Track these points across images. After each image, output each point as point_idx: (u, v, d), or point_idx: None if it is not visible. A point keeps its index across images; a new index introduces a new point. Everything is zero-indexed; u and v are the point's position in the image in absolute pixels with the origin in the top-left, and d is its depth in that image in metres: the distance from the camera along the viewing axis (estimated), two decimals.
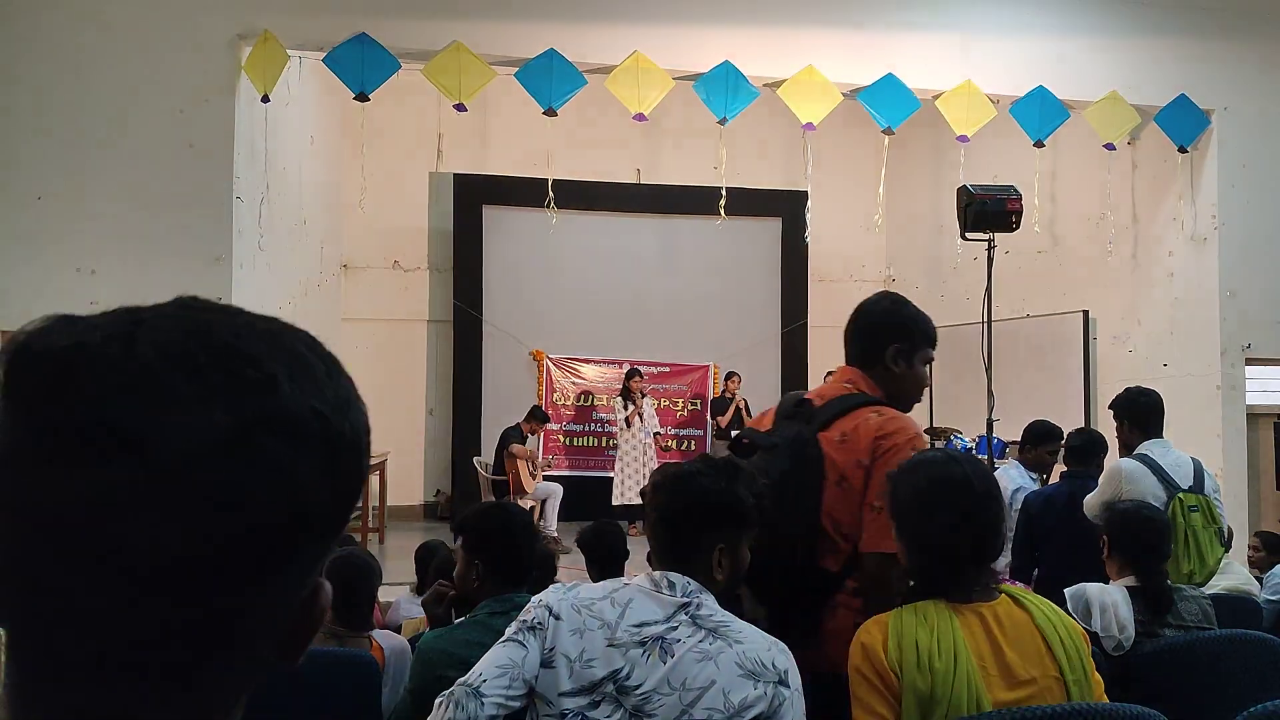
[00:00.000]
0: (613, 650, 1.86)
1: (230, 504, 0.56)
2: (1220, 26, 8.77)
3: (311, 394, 0.62)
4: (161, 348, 0.57)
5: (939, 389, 11.52)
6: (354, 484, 0.64)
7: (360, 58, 7.23)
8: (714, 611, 1.92)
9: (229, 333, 0.61)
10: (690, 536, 2.01)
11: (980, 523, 2.09)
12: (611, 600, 1.92)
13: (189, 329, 0.60)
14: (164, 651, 0.57)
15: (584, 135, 10.14)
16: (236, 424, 0.57)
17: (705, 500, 2.01)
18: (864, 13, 8.22)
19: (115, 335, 0.57)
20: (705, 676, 1.82)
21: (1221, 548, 4.39)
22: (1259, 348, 8.72)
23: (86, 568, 0.55)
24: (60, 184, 7.14)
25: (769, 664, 1.86)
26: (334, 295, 11.00)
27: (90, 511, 0.54)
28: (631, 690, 1.83)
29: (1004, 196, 6.34)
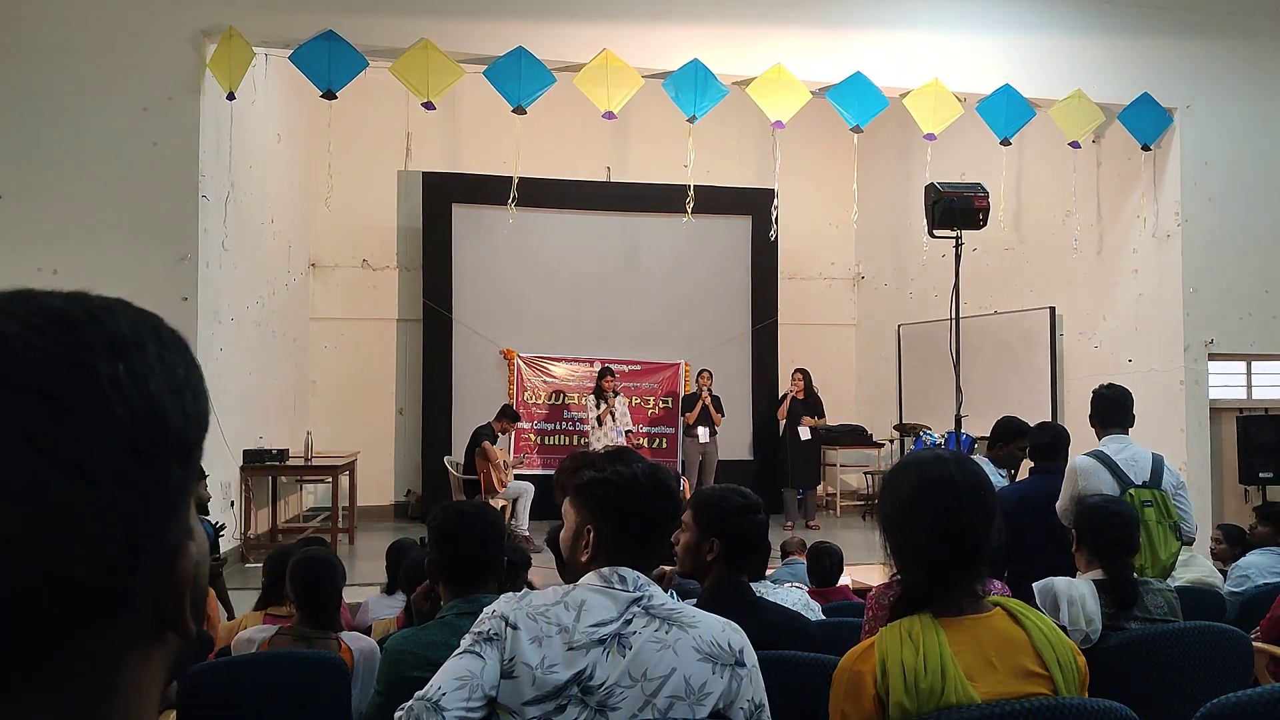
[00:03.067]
0: (573, 653, 1.85)
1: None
2: (1183, 25, 8.88)
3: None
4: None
5: (908, 385, 11.62)
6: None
7: (327, 55, 7.18)
8: (664, 600, 1.94)
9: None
10: (663, 535, 2.07)
11: (967, 527, 1.98)
12: (565, 604, 1.91)
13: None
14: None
15: (553, 133, 10.12)
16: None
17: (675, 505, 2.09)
18: (832, 12, 8.25)
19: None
20: (665, 664, 1.84)
21: (1177, 542, 4.43)
22: (1221, 343, 8.83)
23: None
24: (22, 182, 7.05)
25: (725, 645, 1.90)
26: (302, 294, 10.91)
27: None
28: (595, 688, 1.83)
29: (971, 194, 6.39)
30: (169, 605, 0.62)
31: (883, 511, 2.10)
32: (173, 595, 0.62)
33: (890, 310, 12.11)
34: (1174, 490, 4.53)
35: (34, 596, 0.56)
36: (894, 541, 2.07)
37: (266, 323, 9.18)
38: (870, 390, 12.55)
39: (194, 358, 0.66)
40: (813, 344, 12.18)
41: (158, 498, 0.60)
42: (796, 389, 10.89)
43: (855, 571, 6.61)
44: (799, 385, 10.88)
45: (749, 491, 2.85)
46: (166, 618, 0.63)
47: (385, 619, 4.57)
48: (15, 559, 0.55)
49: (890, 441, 11.62)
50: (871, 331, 12.63)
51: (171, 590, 0.62)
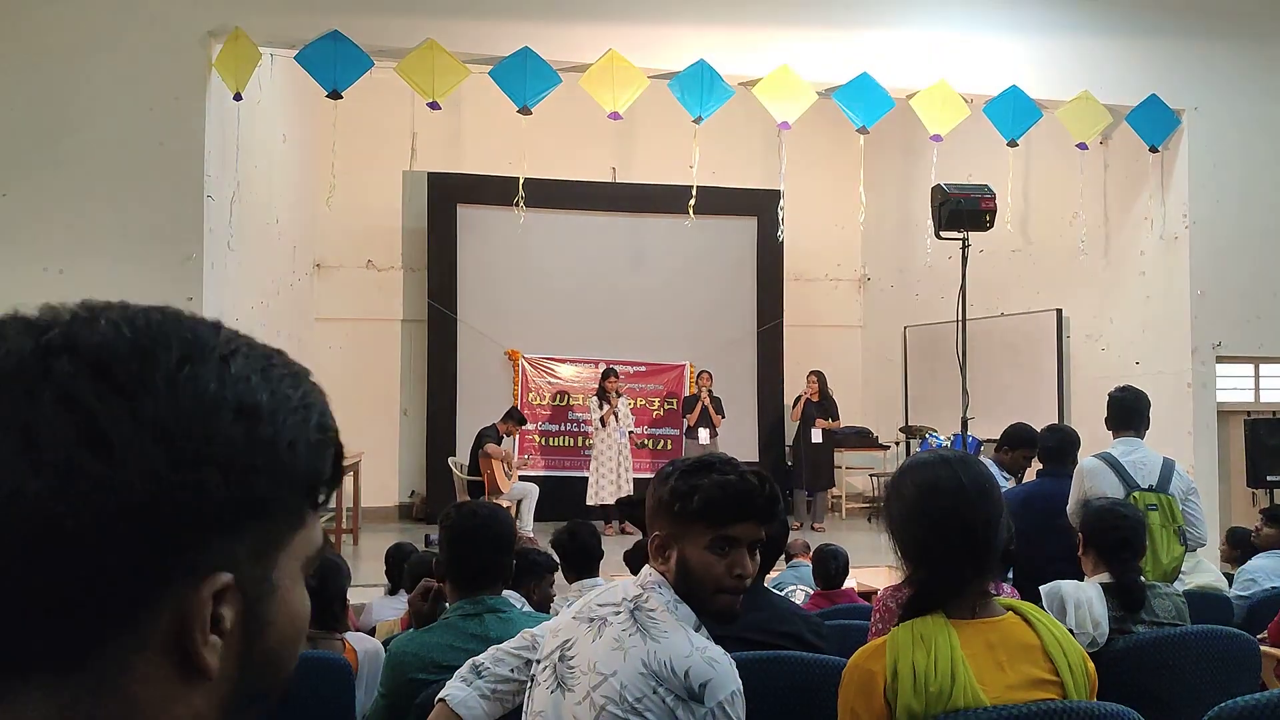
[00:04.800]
0: (573, 622, 1.94)
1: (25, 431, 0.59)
2: (1191, 27, 8.84)
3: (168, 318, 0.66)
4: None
5: (914, 387, 11.59)
6: (178, 421, 0.61)
7: (333, 55, 7.17)
8: (655, 608, 1.89)
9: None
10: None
11: (974, 526, 1.96)
12: (610, 585, 2.02)
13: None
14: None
15: (559, 134, 10.11)
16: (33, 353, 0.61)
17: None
18: (839, 12, 8.23)
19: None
20: (610, 665, 1.82)
21: (1181, 547, 4.40)
22: (1229, 346, 8.80)
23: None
24: (28, 182, 7.05)
25: (679, 672, 1.77)
26: (307, 295, 10.91)
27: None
28: (567, 660, 1.88)
29: (978, 195, 6.38)
30: (186, 635, 0.61)
31: (890, 513, 2.09)
32: (186, 625, 0.61)
33: (896, 312, 12.08)
34: (1184, 495, 4.51)
35: (49, 563, 0.57)
36: (902, 543, 2.05)
37: (271, 323, 9.18)
38: (876, 392, 12.52)
39: (306, 397, 0.67)
40: (818, 346, 12.15)
41: (188, 502, 0.60)
42: (811, 391, 10.87)
43: (860, 574, 6.59)
44: (814, 387, 10.86)
45: None
46: (186, 652, 0.61)
47: (389, 620, 4.57)
48: (38, 517, 0.57)
49: (896, 444, 11.58)
50: (877, 333, 12.60)
51: (186, 619, 0.61)
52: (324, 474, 0.67)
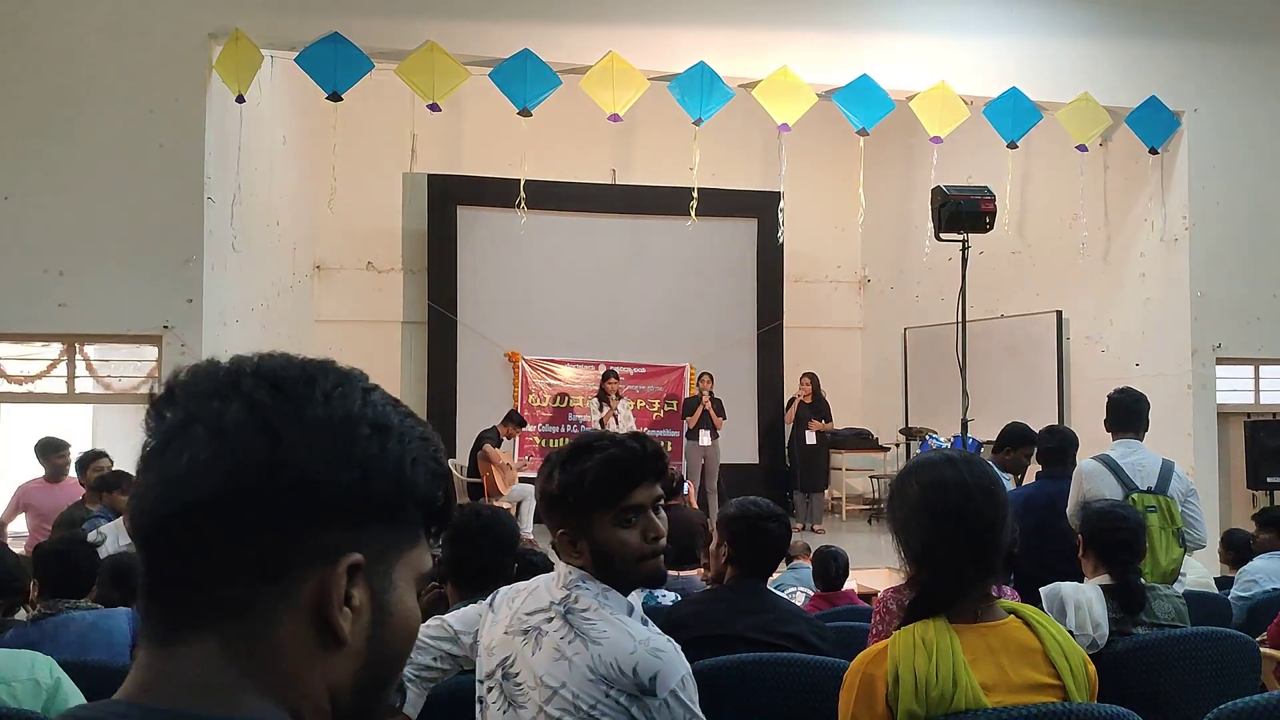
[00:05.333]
0: (507, 637, 1.88)
1: (216, 427, 0.77)
2: (1190, 29, 8.85)
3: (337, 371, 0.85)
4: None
5: (914, 389, 11.59)
6: (324, 425, 0.79)
7: (333, 57, 7.18)
8: (587, 606, 1.85)
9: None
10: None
11: (979, 526, 1.95)
12: (527, 589, 1.95)
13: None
14: (195, 565, 0.75)
15: (559, 136, 10.11)
16: (228, 373, 0.80)
17: None
18: (838, 14, 8.24)
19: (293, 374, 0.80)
20: (558, 676, 1.78)
21: (1180, 549, 4.40)
22: (1229, 347, 8.80)
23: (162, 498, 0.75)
24: (28, 184, 7.05)
25: (627, 670, 1.76)
26: (307, 297, 10.92)
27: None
28: (512, 677, 1.84)
29: (978, 197, 6.37)
30: (325, 603, 0.76)
31: (894, 514, 2.07)
32: (325, 593, 0.76)
33: (896, 314, 12.08)
34: (1183, 497, 4.50)
35: (226, 528, 0.74)
36: (906, 544, 2.04)
37: (272, 325, 9.18)
38: (876, 394, 12.52)
39: (427, 432, 0.85)
40: (818, 347, 12.15)
41: (330, 490, 0.76)
42: (804, 393, 10.88)
43: (860, 576, 6.59)
44: (807, 389, 10.88)
45: (770, 503, 3.01)
46: (321, 621, 0.76)
47: None
48: (221, 488, 0.74)
49: (896, 445, 11.58)
50: (877, 335, 12.60)
51: (325, 588, 0.76)
52: (437, 500, 0.84)
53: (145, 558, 0.75)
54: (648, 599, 4.83)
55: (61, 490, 6.64)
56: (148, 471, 0.76)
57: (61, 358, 7.31)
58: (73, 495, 6.58)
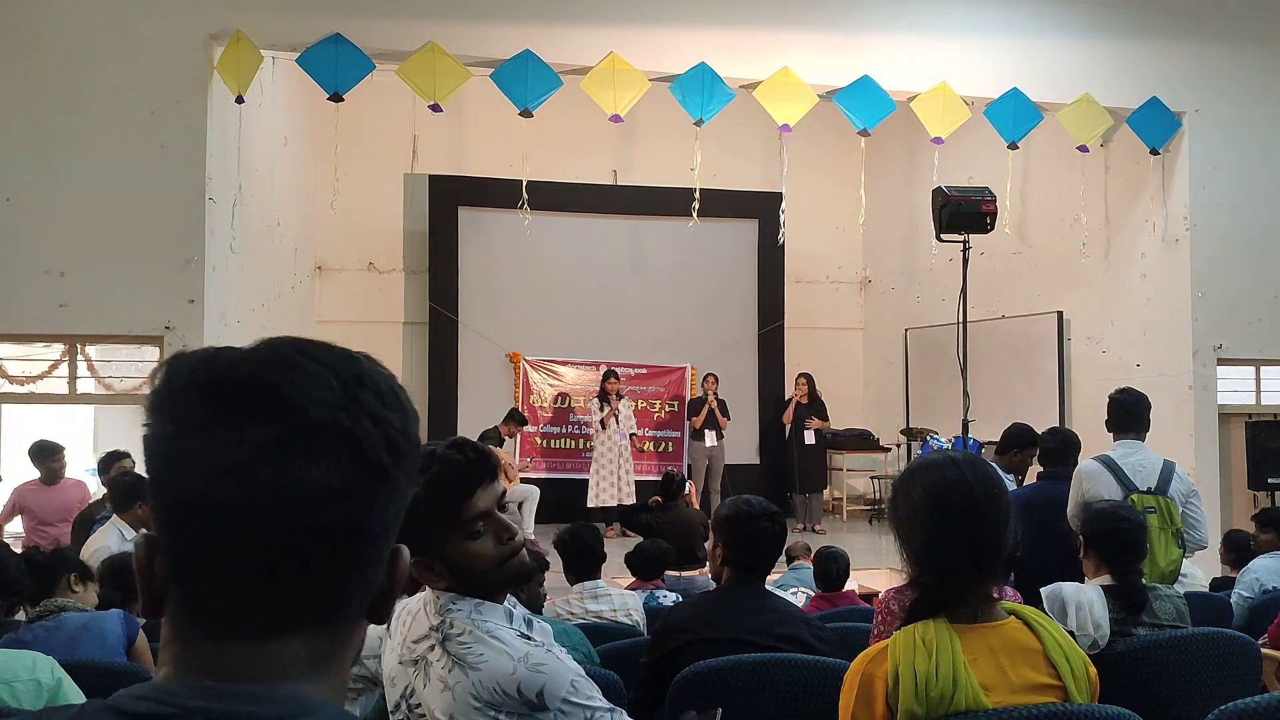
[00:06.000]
0: (401, 667, 1.80)
1: (350, 441, 0.75)
2: (1191, 30, 8.85)
3: (384, 370, 0.82)
4: (279, 342, 0.82)
5: (915, 389, 11.59)
6: (417, 442, 0.82)
7: (334, 58, 7.19)
8: (461, 630, 1.77)
9: (303, 342, 0.83)
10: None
11: (982, 528, 1.95)
12: (407, 610, 1.87)
13: (284, 339, 0.83)
14: (304, 573, 0.75)
15: (560, 136, 10.12)
16: (343, 391, 0.77)
17: None
18: (839, 15, 8.24)
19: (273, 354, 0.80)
20: (445, 708, 1.72)
21: (1179, 550, 4.40)
22: (1230, 348, 8.80)
23: (254, 501, 0.73)
24: (29, 185, 7.06)
25: (511, 691, 1.70)
26: (308, 297, 10.92)
27: (256, 455, 0.73)
28: (414, 709, 1.77)
29: (979, 198, 6.37)
30: (388, 597, 0.82)
31: (896, 515, 2.07)
32: (393, 587, 0.82)
33: (897, 314, 12.08)
34: (1183, 498, 4.50)
35: (351, 546, 0.77)
36: (909, 545, 2.04)
37: (273, 326, 9.18)
38: (877, 394, 12.52)
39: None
40: (819, 348, 12.15)
41: (402, 489, 0.80)
42: (800, 393, 10.91)
43: (861, 576, 6.59)
44: (803, 389, 10.91)
45: (764, 501, 2.96)
46: (378, 609, 0.82)
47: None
48: (371, 482, 0.76)
49: (897, 446, 11.58)
50: (878, 335, 12.60)
51: (393, 582, 0.82)
52: None
53: (247, 554, 0.73)
54: (649, 599, 4.83)
55: (58, 492, 6.64)
56: (259, 468, 0.72)
57: (63, 358, 7.32)
58: (69, 497, 6.59)
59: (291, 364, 0.77)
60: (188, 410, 0.74)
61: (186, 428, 0.74)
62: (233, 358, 0.77)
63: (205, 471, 0.72)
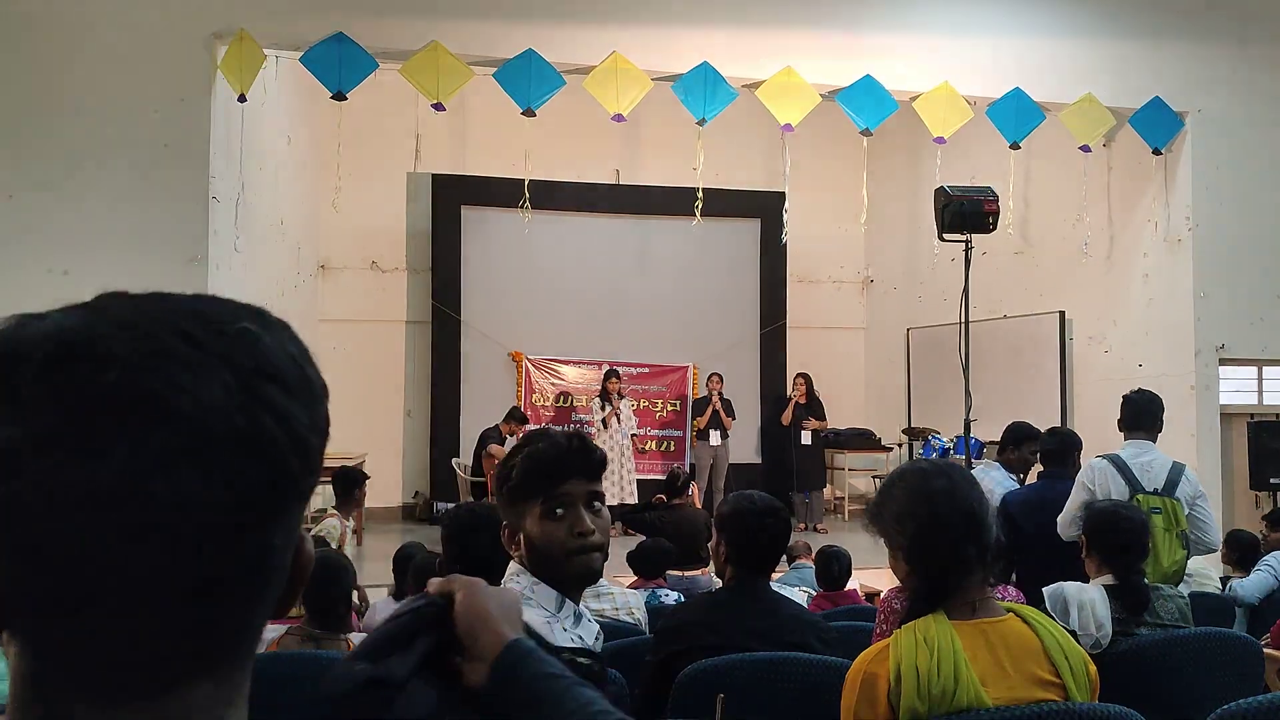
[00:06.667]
0: None
1: (251, 449, 0.60)
2: (1194, 29, 8.84)
3: (286, 340, 0.67)
4: (154, 323, 0.60)
5: (917, 389, 11.59)
6: (327, 430, 0.67)
7: (337, 57, 7.19)
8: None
9: (190, 303, 0.64)
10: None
11: (972, 530, 2.01)
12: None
13: (157, 307, 0.62)
14: (203, 609, 0.61)
15: (563, 136, 10.12)
16: (238, 383, 0.60)
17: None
18: (842, 15, 8.24)
19: (104, 321, 0.60)
20: None
21: (1184, 551, 4.41)
22: (1232, 348, 8.79)
23: (134, 534, 0.57)
24: (33, 183, 7.06)
25: None
26: (311, 296, 10.93)
27: (133, 477, 0.56)
28: None
29: (981, 198, 6.36)
30: (294, 589, 0.69)
31: (883, 517, 2.11)
32: (299, 580, 0.69)
33: (899, 314, 12.08)
34: (1191, 500, 4.50)
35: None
36: (902, 543, 2.08)
37: None
38: (879, 394, 12.52)
39: None
40: (821, 348, 12.16)
41: (310, 487, 0.66)
42: (799, 394, 10.94)
43: (863, 575, 6.59)
44: (801, 390, 10.95)
45: (766, 497, 2.93)
46: (284, 602, 0.68)
47: None
48: (276, 491, 0.62)
49: (899, 445, 11.59)
50: (880, 335, 12.60)
51: (299, 574, 0.69)
52: None
53: (128, 597, 0.58)
54: (650, 598, 4.83)
55: None
56: (134, 492, 0.57)
57: None
58: None
59: (173, 357, 0.58)
60: (37, 419, 0.56)
61: (33, 442, 0.56)
62: (97, 354, 0.57)
63: (64, 501, 0.55)
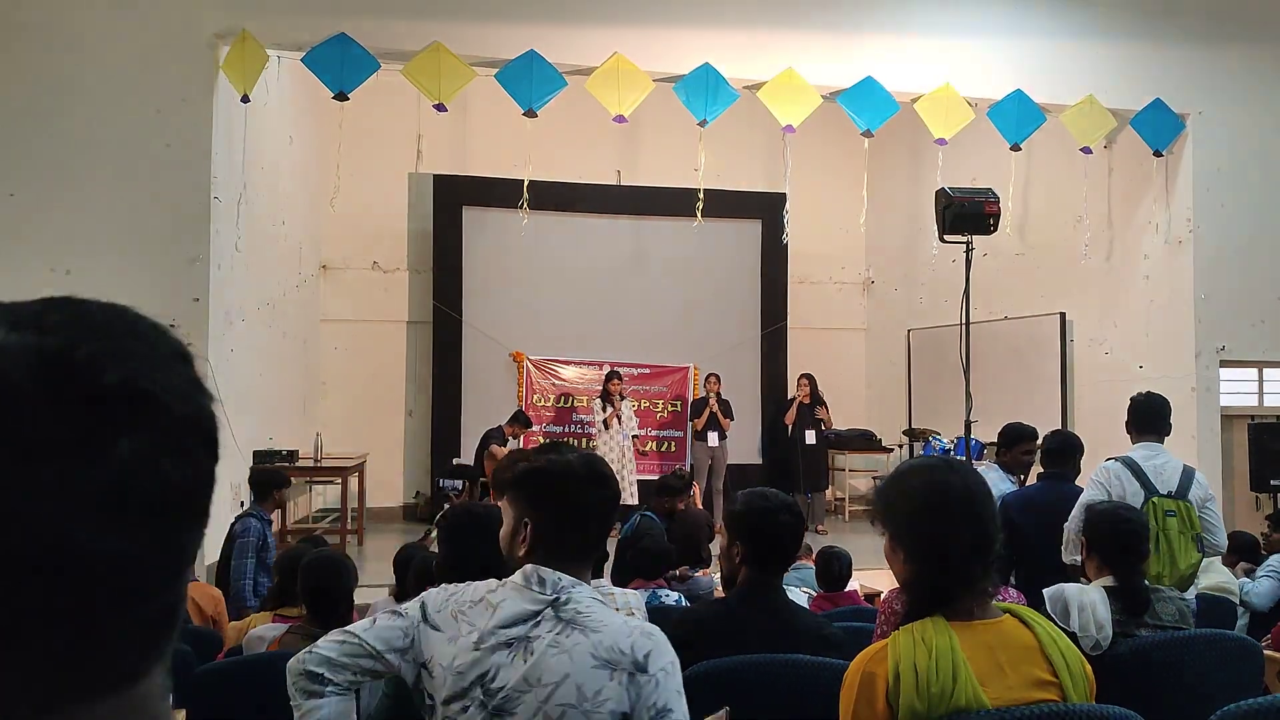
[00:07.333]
0: (479, 654, 1.86)
1: (208, 434, 0.62)
2: (1195, 32, 8.85)
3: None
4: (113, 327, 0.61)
5: (918, 390, 11.59)
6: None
7: (340, 57, 7.20)
8: (579, 603, 1.90)
9: (125, 313, 0.63)
10: (603, 525, 2.06)
11: (975, 531, 2.01)
12: (486, 603, 1.92)
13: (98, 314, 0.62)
14: (178, 591, 0.62)
15: (564, 137, 10.13)
16: (194, 376, 0.62)
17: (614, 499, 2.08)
18: (843, 16, 8.25)
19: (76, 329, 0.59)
20: (559, 670, 1.82)
21: (1198, 554, 4.42)
22: (1233, 350, 8.80)
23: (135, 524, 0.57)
24: (34, 182, 7.08)
25: (626, 649, 1.84)
26: (313, 296, 10.94)
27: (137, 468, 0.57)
28: (496, 691, 1.83)
29: (982, 199, 6.36)
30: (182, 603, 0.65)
31: (886, 518, 2.11)
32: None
33: (900, 315, 12.09)
34: (1201, 503, 4.51)
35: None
36: (900, 546, 2.08)
37: (277, 324, 9.21)
38: (879, 395, 12.53)
39: None
40: (822, 348, 12.17)
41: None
42: (803, 394, 10.93)
43: (864, 576, 6.59)
44: (805, 390, 10.93)
45: (779, 494, 2.87)
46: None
47: None
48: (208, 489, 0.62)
49: (899, 446, 11.59)
50: (881, 336, 12.61)
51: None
52: None
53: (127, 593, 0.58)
54: (650, 598, 4.84)
55: None
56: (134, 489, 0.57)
57: None
58: None
59: (145, 357, 0.59)
60: (34, 427, 0.54)
61: (34, 453, 0.54)
62: (86, 355, 0.57)
63: (74, 507, 0.54)
